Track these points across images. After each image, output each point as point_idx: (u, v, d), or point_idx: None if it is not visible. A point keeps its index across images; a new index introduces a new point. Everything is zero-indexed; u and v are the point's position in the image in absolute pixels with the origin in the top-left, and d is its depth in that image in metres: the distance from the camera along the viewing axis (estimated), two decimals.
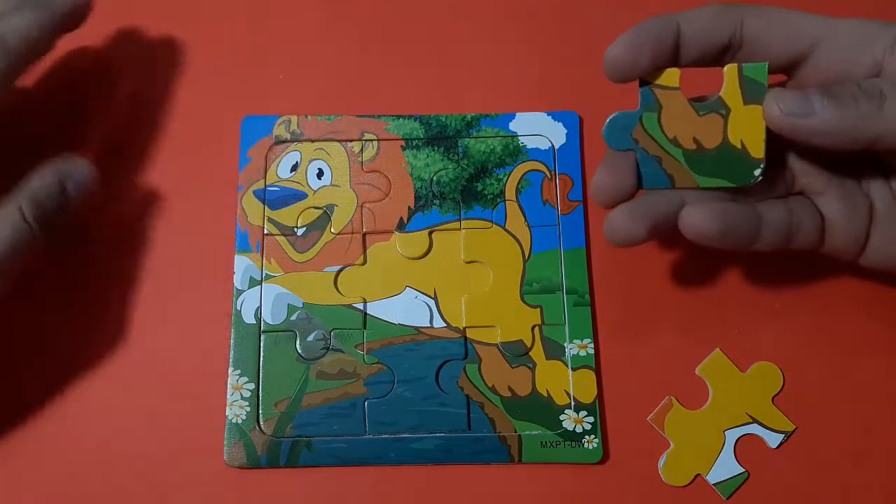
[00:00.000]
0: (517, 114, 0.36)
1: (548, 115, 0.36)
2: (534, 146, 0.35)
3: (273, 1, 0.38)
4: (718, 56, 0.28)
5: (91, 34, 0.37)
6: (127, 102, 0.36)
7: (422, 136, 0.35)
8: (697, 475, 0.32)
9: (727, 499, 0.32)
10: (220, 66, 0.37)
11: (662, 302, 0.34)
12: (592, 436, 0.32)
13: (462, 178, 0.35)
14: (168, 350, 0.33)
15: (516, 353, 0.33)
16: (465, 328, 0.33)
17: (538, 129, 0.35)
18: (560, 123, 0.36)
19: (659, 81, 0.28)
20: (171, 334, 0.34)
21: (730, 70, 0.28)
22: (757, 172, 0.28)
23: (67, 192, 0.31)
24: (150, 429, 0.32)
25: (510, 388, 0.32)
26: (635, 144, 0.29)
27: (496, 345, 0.33)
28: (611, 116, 0.29)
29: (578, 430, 0.32)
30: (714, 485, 0.32)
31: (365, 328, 0.33)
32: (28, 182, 0.30)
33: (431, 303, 0.34)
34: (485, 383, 0.32)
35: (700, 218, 0.28)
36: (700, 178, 0.29)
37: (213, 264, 0.34)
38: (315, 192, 0.35)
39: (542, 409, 0.32)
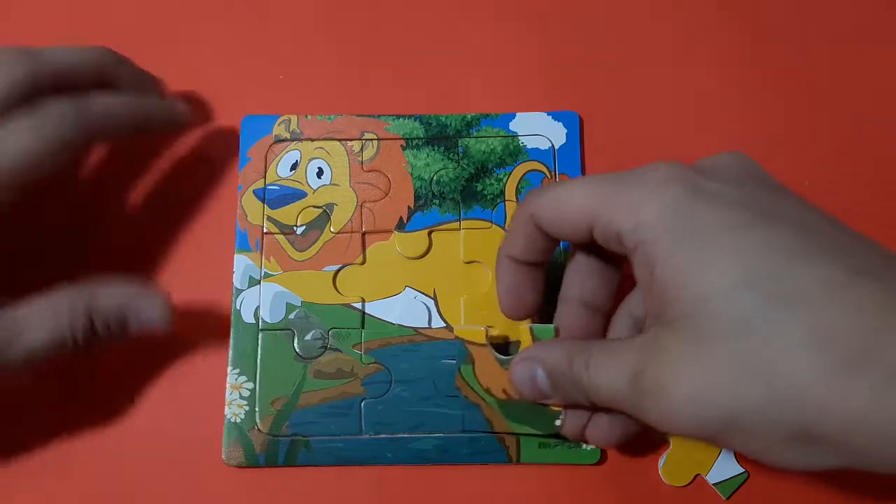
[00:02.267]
0: (517, 114, 0.36)
1: (548, 115, 0.36)
2: (534, 146, 0.35)
3: (273, 1, 0.38)
4: (561, 242, 0.29)
5: (94, 32, 0.37)
6: None
7: (422, 136, 0.35)
8: (697, 475, 0.32)
9: (727, 499, 0.32)
10: (220, 65, 0.37)
11: None
12: None
13: (462, 177, 0.35)
14: (167, 349, 0.33)
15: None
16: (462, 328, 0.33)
17: (538, 129, 0.35)
18: (560, 123, 0.35)
19: (469, 338, 0.32)
20: (171, 333, 0.34)
21: (524, 332, 0.30)
22: (557, 423, 0.30)
23: (128, 327, 0.29)
24: (149, 427, 0.33)
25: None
26: (458, 392, 0.32)
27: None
28: None
29: None
30: (714, 485, 0.32)
31: (363, 328, 0.33)
32: (92, 294, 0.28)
33: (430, 303, 0.33)
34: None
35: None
36: (513, 425, 0.32)
37: (212, 264, 0.34)
38: (315, 191, 0.35)
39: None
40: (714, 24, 0.38)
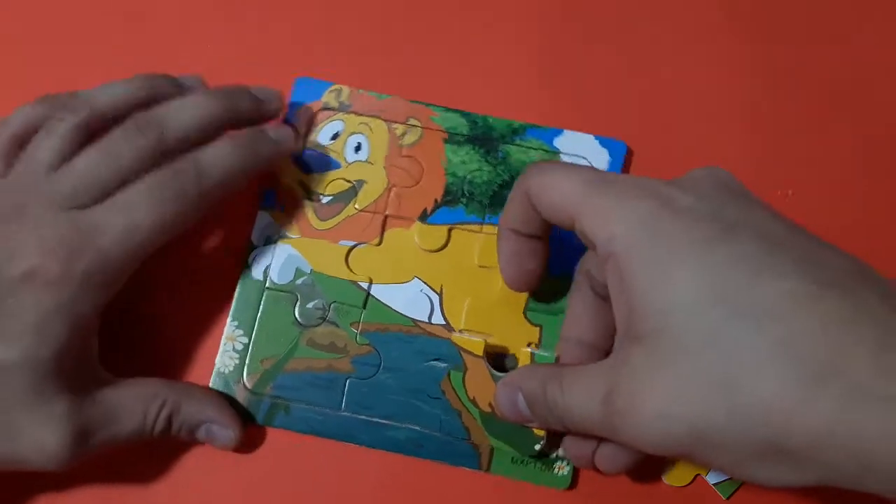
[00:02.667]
0: (565, 130, 0.35)
1: (595, 138, 0.35)
2: None
3: None
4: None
5: None
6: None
7: (465, 133, 0.35)
8: (697, 475, 0.32)
9: (727, 499, 0.32)
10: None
11: None
12: (564, 462, 0.32)
13: (495, 182, 0.35)
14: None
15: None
16: (461, 331, 0.33)
17: (582, 151, 0.35)
18: (606, 150, 0.35)
19: (466, 347, 0.32)
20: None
21: (524, 354, 0.31)
22: (537, 447, 0.31)
23: (195, 438, 0.31)
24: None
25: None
26: (442, 395, 0.32)
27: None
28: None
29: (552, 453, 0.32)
30: (714, 485, 0.32)
31: (364, 308, 0.33)
32: (179, 400, 0.30)
33: (435, 299, 0.33)
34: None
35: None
36: (492, 439, 0.32)
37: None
38: (349, 164, 0.35)
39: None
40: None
